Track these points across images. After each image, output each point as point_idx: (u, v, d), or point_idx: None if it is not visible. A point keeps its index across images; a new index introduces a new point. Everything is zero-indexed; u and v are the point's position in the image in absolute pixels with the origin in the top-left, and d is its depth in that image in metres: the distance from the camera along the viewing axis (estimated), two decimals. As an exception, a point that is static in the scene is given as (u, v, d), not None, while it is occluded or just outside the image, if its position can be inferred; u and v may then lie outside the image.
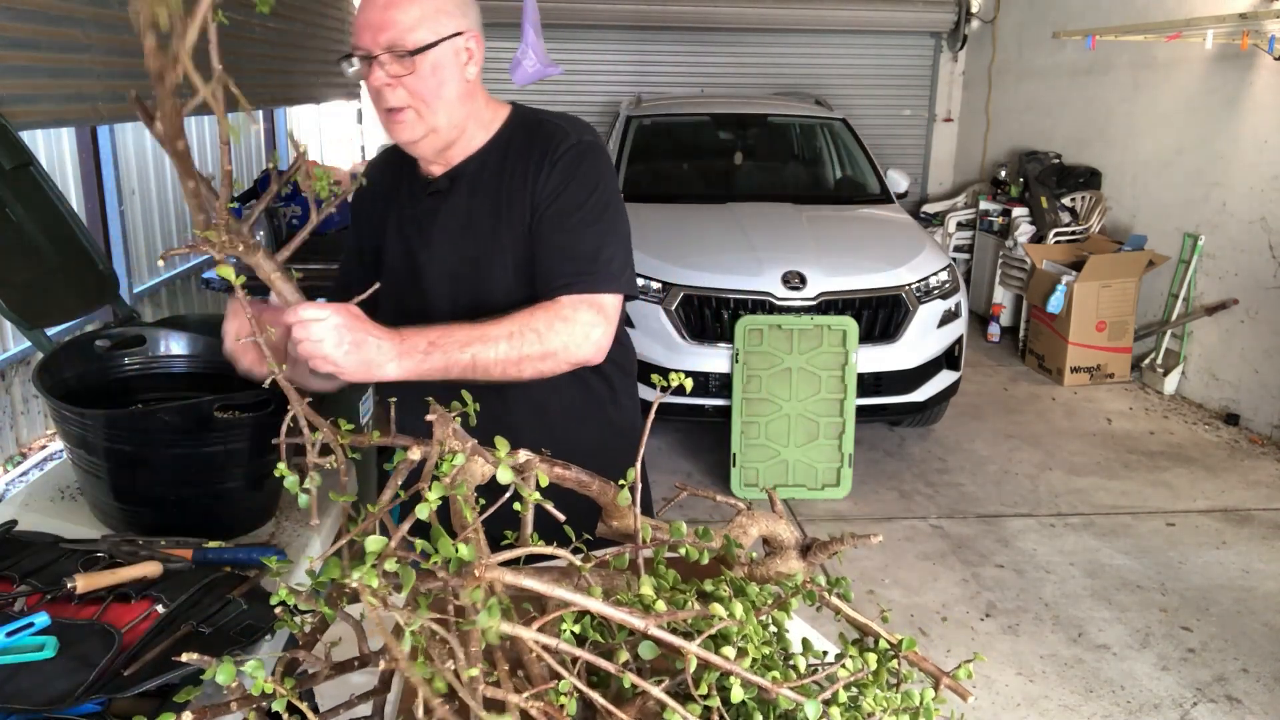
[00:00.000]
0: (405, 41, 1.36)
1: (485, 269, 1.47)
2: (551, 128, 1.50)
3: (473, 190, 1.49)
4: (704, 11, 7.85)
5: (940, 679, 0.97)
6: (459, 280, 1.49)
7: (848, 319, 4.00)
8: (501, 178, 1.48)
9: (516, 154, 1.48)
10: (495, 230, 1.47)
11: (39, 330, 2.02)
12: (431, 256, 1.51)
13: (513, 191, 1.46)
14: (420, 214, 1.52)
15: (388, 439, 0.97)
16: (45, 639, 1.14)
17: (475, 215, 1.48)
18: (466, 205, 1.49)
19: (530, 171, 1.45)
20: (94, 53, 3.37)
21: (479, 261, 1.48)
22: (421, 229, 1.52)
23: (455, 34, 1.39)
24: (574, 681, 0.79)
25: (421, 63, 1.37)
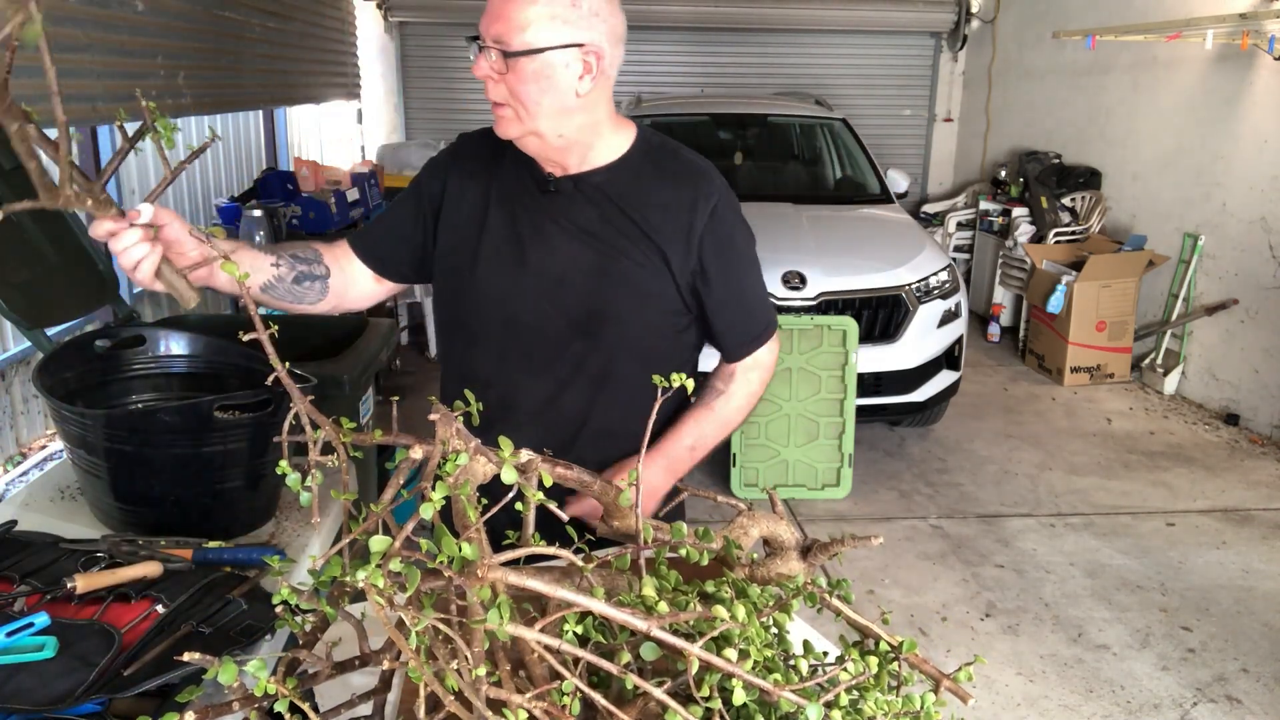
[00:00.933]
0: (510, 40, 1.30)
1: (605, 281, 1.43)
2: (690, 161, 1.49)
3: (600, 202, 1.43)
4: (704, 11, 7.85)
5: (941, 681, 0.97)
6: (567, 285, 1.44)
7: (848, 319, 3.99)
8: (636, 198, 1.44)
9: (653, 181, 1.45)
10: (626, 249, 1.43)
11: (39, 330, 2.02)
12: (548, 253, 1.44)
13: (652, 220, 1.43)
14: (535, 208, 1.46)
15: (389, 438, 0.97)
16: (45, 639, 1.14)
17: (602, 228, 1.43)
18: (593, 215, 1.43)
19: (679, 208, 1.43)
20: (94, 53, 3.37)
21: (599, 272, 1.43)
22: (535, 223, 1.45)
23: (571, 44, 1.31)
24: (576, 683, 0.79)
25: (523, 65, 1.30)
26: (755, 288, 1.53)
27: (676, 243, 1.42)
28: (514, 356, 1.48)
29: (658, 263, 1.43)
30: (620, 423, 1.49)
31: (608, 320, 1.44)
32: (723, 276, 1.46)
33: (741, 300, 1.51)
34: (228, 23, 4.58)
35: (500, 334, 1.48)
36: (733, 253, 1.47)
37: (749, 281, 1.52)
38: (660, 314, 1.47)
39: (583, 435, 1.49)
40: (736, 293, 1.50)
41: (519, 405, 1.48)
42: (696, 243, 1.43)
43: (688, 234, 1.42)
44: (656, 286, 1.44)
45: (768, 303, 1.56)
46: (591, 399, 1.48)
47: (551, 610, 0.86)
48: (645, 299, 1.45)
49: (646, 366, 1.41)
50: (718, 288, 1.47)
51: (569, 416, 1.49)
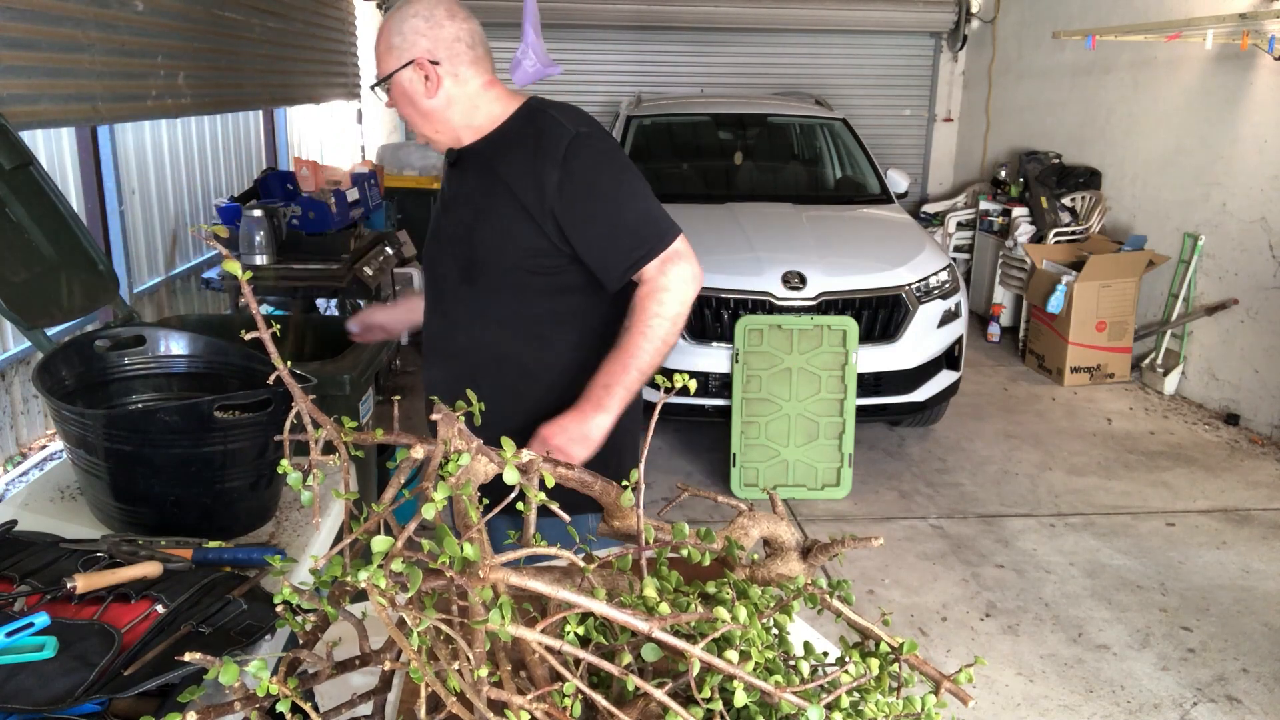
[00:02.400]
0: (377, 76, 1.70)
1: (476, 233, 1.73)
2: (547, 120, 1.70)
3: (474, 167, 1.75)
4: (704, 11, 7.84)
5: (941, 683, 0.97)
6: (456, 241, 1.77)
7: (848, 319, 3.99)
8: (498, 159, 1.71)
9: (513, 141, 1.70)
10: (487, 203, 1.71)
11: (39, 330, 2.02)
12: (447, 222, 1.79)
13: (511, 174, 1.68)
14: (447, 188, 1.82)
15: (391, 437, 0.97)
16: (45, 639, 1.14)
17: (473, 188, 1.74)
18: (468, 179, 1.75)
19: (530, 162, 1.66)
20: (94, 53, 3.37)
21: (472, 227, 1.73)
22: (445, 200, 1.82)
23: (403, 65, 1.65)
24: (578, 684, 0.79)
25: (392, 93, 1.70)
26: (624, 219, 1.68)
27: (531, 193, 1.65)
28: (431, 305, 1.87)
29: (521, 214, 1.67)
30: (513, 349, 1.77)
31: (483, 266, 1.73)
32: (583, 219, 1.66)
33: (608, 234, 1.67)
34: (228, 23, 4.57)
35: (428, 287, 1.88)
36: (590, 194, 1.66)
37: (614, 215, 1.68)
38: (528, 256, 1.69)
39: (482, 364, 1.78)
40: (601, 230, 1.67)
41: (434, 346, 1.86)
42: (553, 192, 1.64)
43: (541, 186, 1.64)
44: (521, 235, 1.68)
45: (647, 227, 1.68)
46: (482, 332, 1.77)
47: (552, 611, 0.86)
48: (511, 246, 1.70)
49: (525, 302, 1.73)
50: (581, 230, 1.66)
51: (467, 349, 1.79)
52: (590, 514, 1.14)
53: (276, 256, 3.97)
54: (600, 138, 1.70)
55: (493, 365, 1.77)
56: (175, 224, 5.13)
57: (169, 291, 5.03)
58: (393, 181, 6.00)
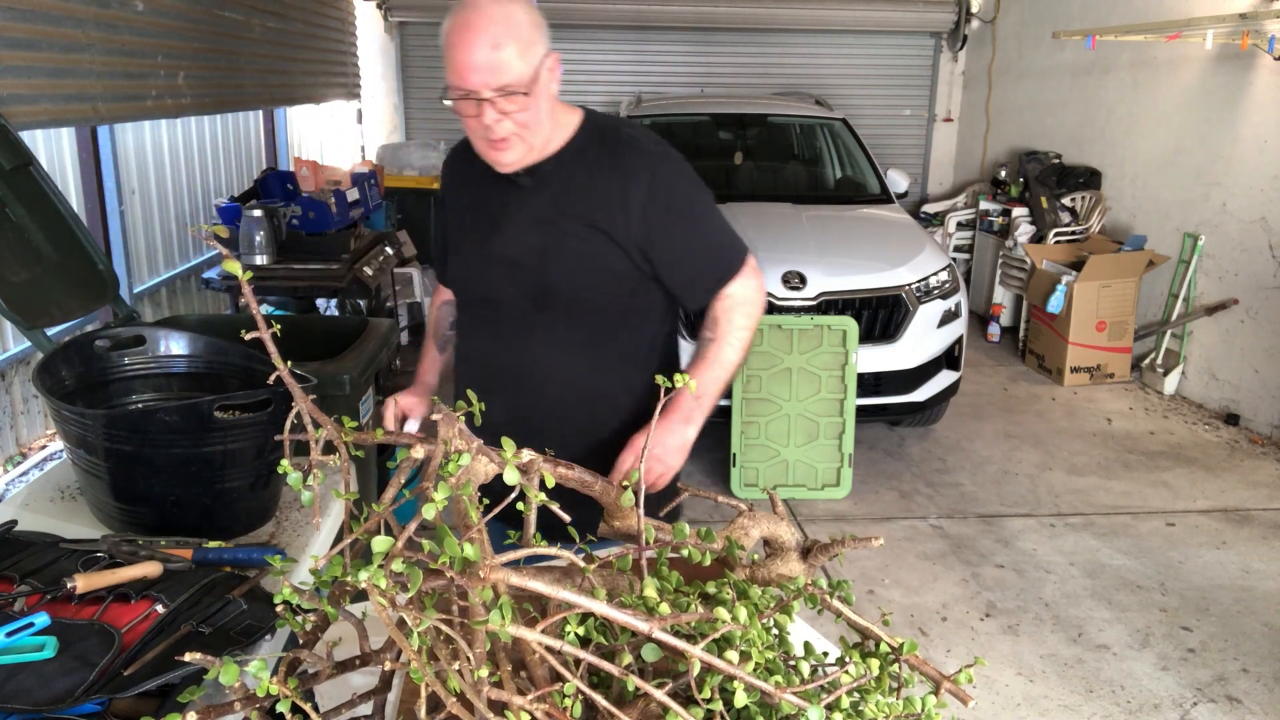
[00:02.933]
0: (517, 82, 1.46)
1: (551, 257, 1.61)
2: (622, 138, 1.63)
3: (548, 188, 1.61)
4: (704, 11, 7.85)
5: (941, 683, 0.97)
6: (521, 266, 1.62)
7: (848, 319, 3.99)
8: (580, 181, 1.60)
9: (595, 162, 1.60)
10: (567, 227, 1.60)
11: (39, 330, 2.02)
12: (504, 243, 1.64)
13: (589, 195, 1.59)
14: (492, 203, 1.66)
15: (391, 437, 0.97)
16: (45, 639, 1.14)
17: (548, 211, 1.60)
18: (541, 201, 1.61)
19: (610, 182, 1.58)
20: (94, 53, 3.37)
21: (545, 251, 1.61)
22: (493, 218, 1.65)
23: (544, 57, 1.49)
24: (578, 684, 0.79)
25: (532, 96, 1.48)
26: (709, 238, 1.66)
27: (617, 217, 1.57)
28: (486, 332, 1.71)
29: (601, 237, 1.58)
30: (590, 378, 1.67)
31: (558, 293, 1.62)
32: (670, 239, 1.60)
33: (695, 254, 1.64)
34: (228, 23, 4.57)
35: (475, 313, 1.73)
36: (676, 216, 1.61)
37: (700, 235, 1.65)
38: (606, 281, 1.61)
39: (557, 394, 1.67)
40: (688, 250, 1.63)
41: (492, 374, 1.70)
42: (638, 215, 1.57)
43: (626, 209, 1.57)
44: (601, 259, 1.59)
45: (729, 245, 1.67)
46: (557, 361, 1.65)
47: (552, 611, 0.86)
48: (590, 271, 1.60)
49: (601, 328, 1.64)
50: (667, 249, 1.61)
51: (537, 379, 1.67)
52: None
53: (276, 256, 3.97)
54: (677, 157, 1.66)
55: (569, 395, 1.67)
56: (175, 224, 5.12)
57: (169, 291, 5.03)
58: (393, 181, 6.00)
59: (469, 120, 1.52)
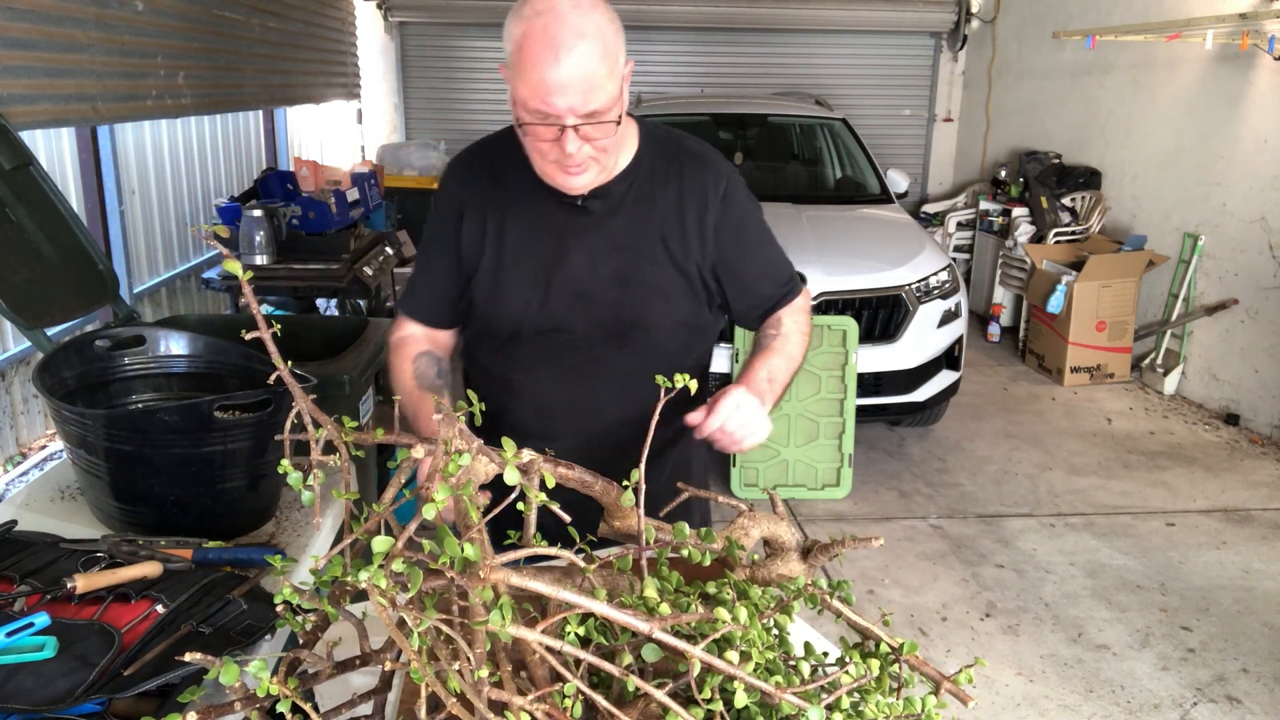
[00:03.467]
0: (608, 106, 1.29)
1: (633, 289, 1.47)
2: (696, 152, 1.53)
3: (620, 211, 1.47)
4: (704, 11, 7.85)
5: (941, 684, 0.97)
6: (593, 300, 1.47)
7: (848, 319, 3.99)
8: (654, 202, 1.48)
9: (664, 178, 1.48)
10: (651, 253, 1.47)
11: (39, 330, 2.02)
12: (573, 273, 1.46)
13: (669, 219, 1.47)
14: (555, 228, 1.47)
15: (391, 437, 0.97)
16: (45, 639, 1.14)
17: (623, 238, 1.47)
18: (615, 226, 1.46)
19: (690, 201, 1.48)
20: (94, 53, 3.37)
21: (629, 281, 1.47)
22: (559, 244, 1.47)
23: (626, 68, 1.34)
24: (578, 684, 0.79)
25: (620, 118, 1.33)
26: (775, 254, 1.60)
27: (693, 235, 1.48)
28: (548, 367, 1.52)
29: (679, 259, 1.48)
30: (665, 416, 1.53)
31: (637, 327, 1.49)
32: (744, 256, 1.53)
33: (766, 271, 1.58)
34: (228, 23, 4.57)
35: (535, 347, 1.51)
36: (748, 231, 1.54)
37: (768, 251, 1.59)
38: (686, 310, 1.51)
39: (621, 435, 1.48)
40: (761, 266, 1.57)
41: (555, 413, 1.55)
42: (712, 232, 1.49)
43: (701, 225, 1.48)
44: (679, 285, 1.49)
45: (786, 258, 1.63)
46: (627, 402, 1.50)
47: (553, 611, 0.86)
48: (670, 300, 1.49)
49: (672, 357, 1.50)
50: (742, 268, 1.53)
51: (607, 420, 1.53)
52: None
53: (276, 256, 3.97)
54: (735, 168, 1.58)
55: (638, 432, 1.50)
56: (175, 224, 5.13)
57: (169, 291, 5.03)
58: (393, 181, 6.00)
59: (541, 144, 1.33)
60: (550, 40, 1.23)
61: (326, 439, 0.95)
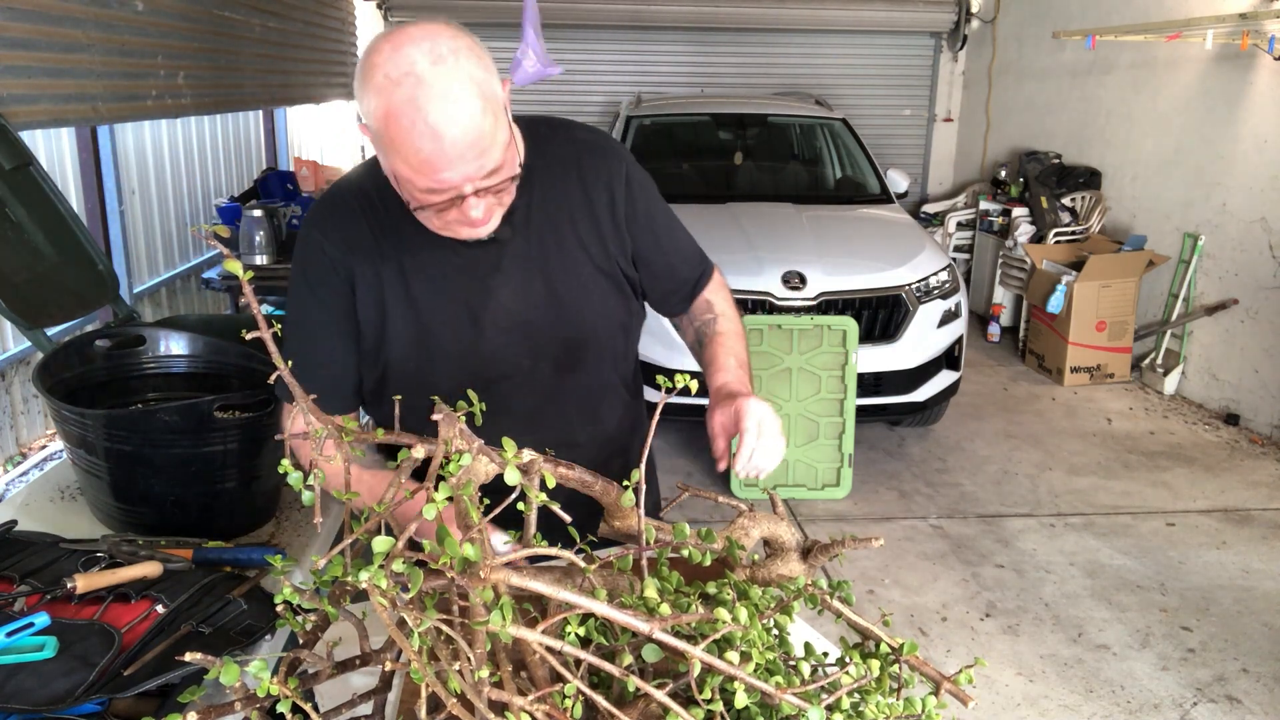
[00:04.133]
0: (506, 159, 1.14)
1: (567, 306, 1.35)
2: (587, 143, 1.39)
3: (530, 226, 1.32)
4: (704, 11, 7.85)
5: (941, 684, 0.97)
6: (531, 331, 1.34)
7: (848, 319, 3.99)
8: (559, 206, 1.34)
9: (561, 177, 1.34)
10: (574, 261, 1.35)
11: (39, 330, 2.02)
12: (502, 309, 1.32)
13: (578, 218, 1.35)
14: (469, 268, 1.30)
15: (391, 436, 0.97)
16: (45, 639, 1.14)
17: (545, 252, 1.33)
18: (532, 245, 1.32)
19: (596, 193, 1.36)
20: (94, 53, 3.37)
21: (561, 297, 1.35)
22: (477, 283, 1.31)
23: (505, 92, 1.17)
24: (579, 685, 0.79)
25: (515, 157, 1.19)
26: (682, 235, 1.51)
27: (607, 231, 1.37)
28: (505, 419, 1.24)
29: (599, 260, 1.36)
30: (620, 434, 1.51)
31: (584, 344, 1.38)
32: (658, 241, 1.44)
33: (680, 252, 1.49)
34: (228, 23, 4.57)
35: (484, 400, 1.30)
36: (655, 216, 1.44)
37: (676, 233, 1.49)
38: (617, 308, 1.42)
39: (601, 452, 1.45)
40: (674, 248, 1.48)
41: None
42: (624, 222, 1.38)
43: (614, 217, 1.37)
44: (607, 286, 1.39)
45: (691, 237, 1.53)
46: (596, 420, 1.46)
47: (553, 611, 0.86)
48: (605, 304, 1.39)
49: (621, 363, 1.46)
50: (658, 254, 1.44)
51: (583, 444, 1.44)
52: None
53: (276, 256, 3.98)
54: (628, 151, 1.48)
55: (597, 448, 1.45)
56: (175, 224, 5.12)
57: (169, 291, 5.03)
58: (393, 181, 5.98)
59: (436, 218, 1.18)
60: (422, 114, 1.06)
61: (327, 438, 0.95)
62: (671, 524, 1.10)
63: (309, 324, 1.33)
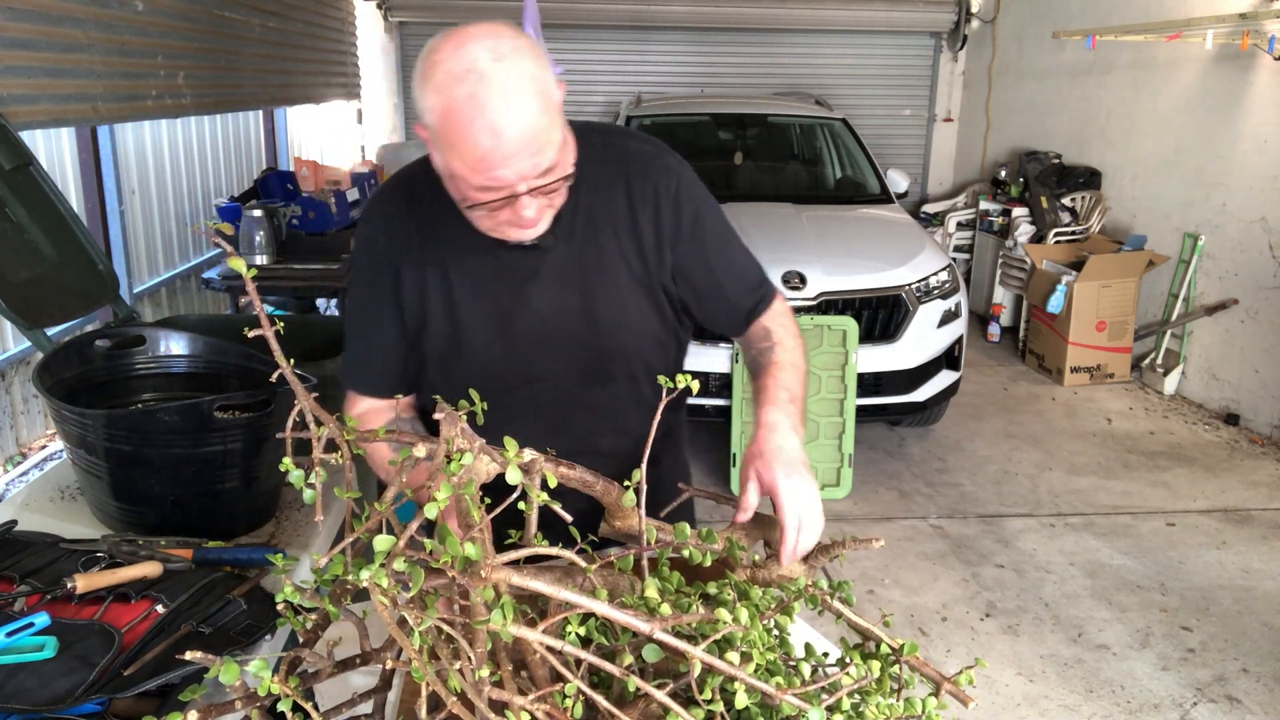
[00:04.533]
0: (560, 159, 1.15)
1: (601, 317, 1.35)
2: (640, 154, 1.37)
3: (573, 237, 1.32)
4: (704, 11, 7.85)
5: (941, 684, 0.97)
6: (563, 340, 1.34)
7: (848, 319, 3.99)
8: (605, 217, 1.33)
9: (608, 188, 1.33)
10: (614, 274, 1.34)
11: (39, 330, 2.02)
12: (536, 316, 1.33)
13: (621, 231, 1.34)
14: (507, 271, 1.31)
15: (393, 436, 0.97)
16: (45, 639, 1.14)
17: (585, 263, 1.32)
18: (572, 255, 1.32)
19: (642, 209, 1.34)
20: (94, 53, 3.37)
21: (597, 310, 1.34)
22: (514, 288, 1.32)
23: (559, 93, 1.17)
24: (579, 685, 0.79)
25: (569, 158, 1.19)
26: (740, 258, 1.46)
27: (649, 245, 1.34)
28: (529, 421, 1.34)
29: (639, 275, 1.35)
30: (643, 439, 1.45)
31: (615, 357, 1.37)
32: (704, 260, 1.39)
33: (732, 275, 1.43)
34: (228, 23, 4.57)
35: (510, 402, 1.33)
36: (706, 233, 1.39)
37: (732, 255, 1.44)
38: (656, 326, 1.40)
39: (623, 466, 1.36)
40: (725, 269, 1.42)
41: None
42: (669, 238, 1.35)
43: (658, 232, 1.34)
44: (646, 302, 1.37)
45: (755, 262, 1.48)
46: (622, 434, 1.43)
47: (553, 611, 0.86)
48: (642, 320, 1.38)
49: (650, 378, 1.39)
50: (704, 272, 1.39)
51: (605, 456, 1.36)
52: None
53: (276, 256, 3.97)
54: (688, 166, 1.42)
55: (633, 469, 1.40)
56: (175, 224, 5.12)
57: (169, 291, 5.03)
58: (393, 181, 5.98)
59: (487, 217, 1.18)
60: (482, 110, 1.06)
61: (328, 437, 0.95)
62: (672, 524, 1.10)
63: (370, 304, 1.38)
